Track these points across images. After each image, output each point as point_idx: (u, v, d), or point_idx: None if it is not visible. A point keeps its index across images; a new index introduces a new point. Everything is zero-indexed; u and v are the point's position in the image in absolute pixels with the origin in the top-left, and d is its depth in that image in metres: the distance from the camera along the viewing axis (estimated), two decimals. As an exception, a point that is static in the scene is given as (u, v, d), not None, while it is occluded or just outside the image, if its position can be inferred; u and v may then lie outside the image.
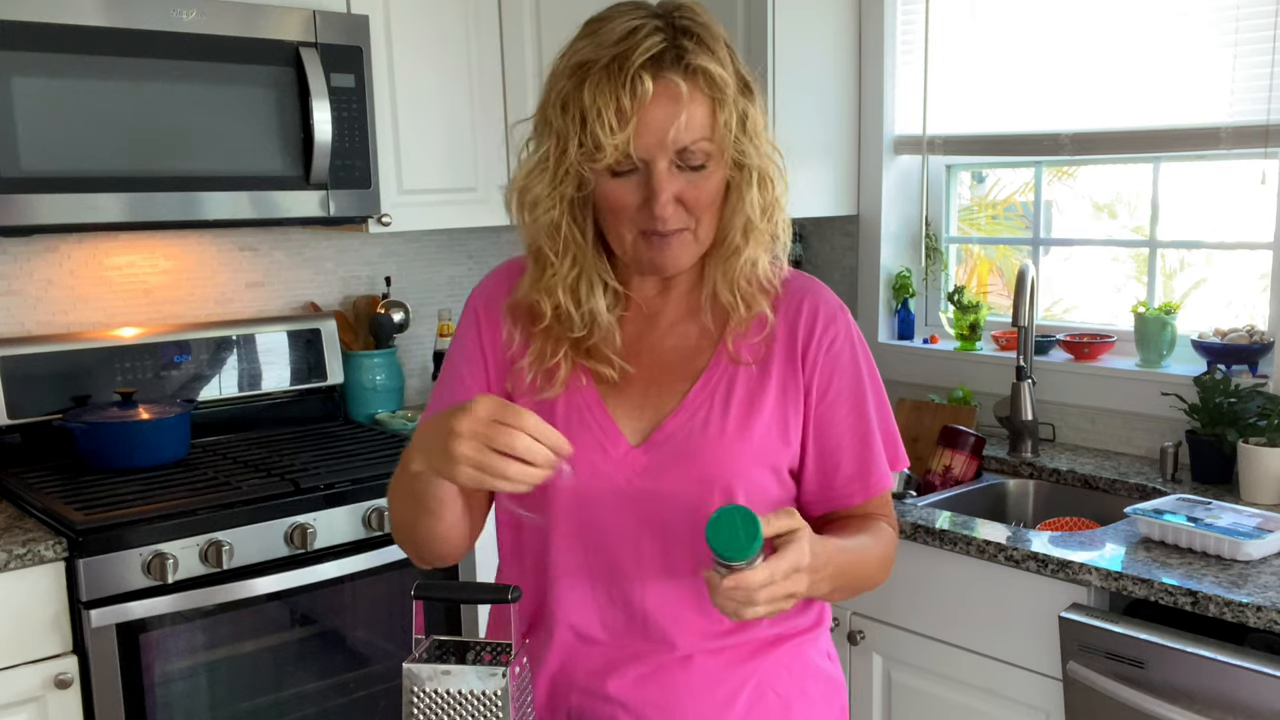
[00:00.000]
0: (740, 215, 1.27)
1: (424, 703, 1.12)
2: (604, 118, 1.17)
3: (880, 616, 2.33)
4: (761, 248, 1.29)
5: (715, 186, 1.24)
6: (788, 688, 1.34)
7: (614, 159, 1.19)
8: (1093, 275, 2.96)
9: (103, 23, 2.30)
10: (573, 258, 1.28)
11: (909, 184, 3.14)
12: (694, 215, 1.24)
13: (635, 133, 1.18)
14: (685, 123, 1.19)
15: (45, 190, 2.27)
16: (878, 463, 1.35)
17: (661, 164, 1.20)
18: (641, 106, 1.17)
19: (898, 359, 3.12)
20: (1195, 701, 1.80)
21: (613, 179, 1.22)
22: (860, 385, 1.34)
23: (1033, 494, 2.63)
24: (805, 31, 2.94)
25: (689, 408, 1.29)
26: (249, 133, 2.50)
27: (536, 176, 1.25)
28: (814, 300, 1.34)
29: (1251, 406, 2.33)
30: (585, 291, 1.29)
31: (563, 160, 1.22)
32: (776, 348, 1.32)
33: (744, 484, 1.28)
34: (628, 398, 1.30)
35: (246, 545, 2.28)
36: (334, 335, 3.01)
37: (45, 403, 2.58)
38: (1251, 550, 1.93)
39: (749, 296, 1.30)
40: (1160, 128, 2.58)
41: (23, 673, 2.10)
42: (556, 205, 1.25)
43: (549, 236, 1.27)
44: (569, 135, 1.20)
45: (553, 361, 1.30)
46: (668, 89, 1.18)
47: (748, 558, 1.09)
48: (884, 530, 1.35)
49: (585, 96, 1.18)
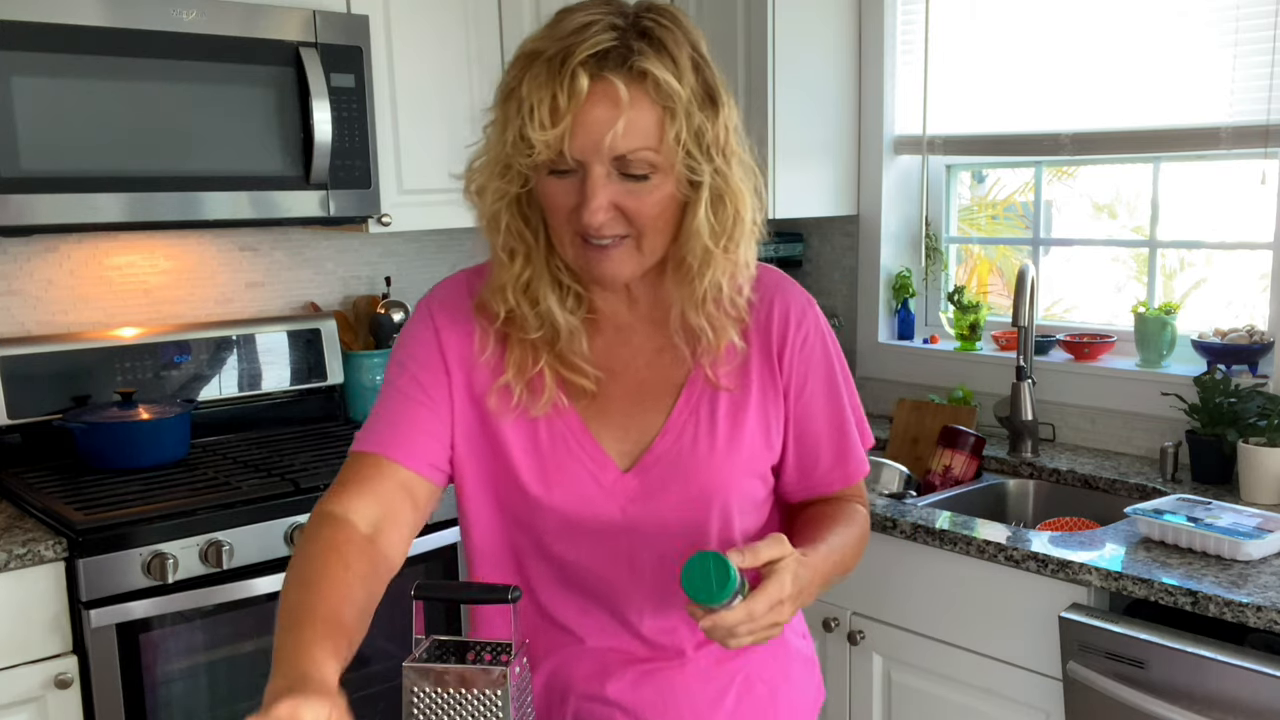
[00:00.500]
0: (695, 237, 1.19)
1: (424, 703, 1.12)
2: (536, 113, 1.11)
3: (880, 616, 2.33)
4: (721, 272, 1.22)
5: (660, 199, 1.16)
6: (773, 675, 1.36)
7: (545, 157, 1.13)
8: (1093, 275, 2.96)
9: (103, 23, 2.30)
10: (524, 256, 1.23)
11: (909, 184, 3.14)
12: (635, 225, 1.17)
13: (570, 133, 1.11)
14: (624, 128, 1.11)
15: (45, 190, 2.27)
16: (855, 450, 1.35)
17: (597, 169, 1.13)
18: (577, 105, 1.10)
19: (898, 359, 3.12)
20: (1195, 701, 1.80)
21: (550, 177, 1.16)
22: (833, 376, 1.34)
23: (1033, 494, 2.63)
24: (805, 32, 2.94)
25: (674, 428, 1.27)
26: (249, 133, 2.50)
27: (483, 168, 1.21)
28: (784, 299, 1.32)
29: (1251, 406, 2.33)
30: (539, 292, 1.23)
31: (502, 153, 1.17)
32: (752, 352, 1.30)
33: (737, 496, 1.28)
34: (610, 419, 1.27)
35: (246, 545, 2.28)
36: (334, 335, 3.01)
37: (45, 403, 2.58)
38: (1251, 550, 1.93)
39: (716, 322, 1.25)
40: (1160, 128, 2.58)
41: (23, 673, 2.10)
42: (499, 199, 1.20)
43: (492, 230, 1.23)
44: (508, 128, 1.15)
45: (535, 371, 1.25)
46: (607, 90, 1.11)
47: (720, 602, 1.08)
48: (858, 513, 1.35)
49: (524, 88, 1.12)
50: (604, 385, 1.28)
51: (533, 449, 1.26)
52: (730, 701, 1.32)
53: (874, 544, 2.26)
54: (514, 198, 1.20)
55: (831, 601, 2.39)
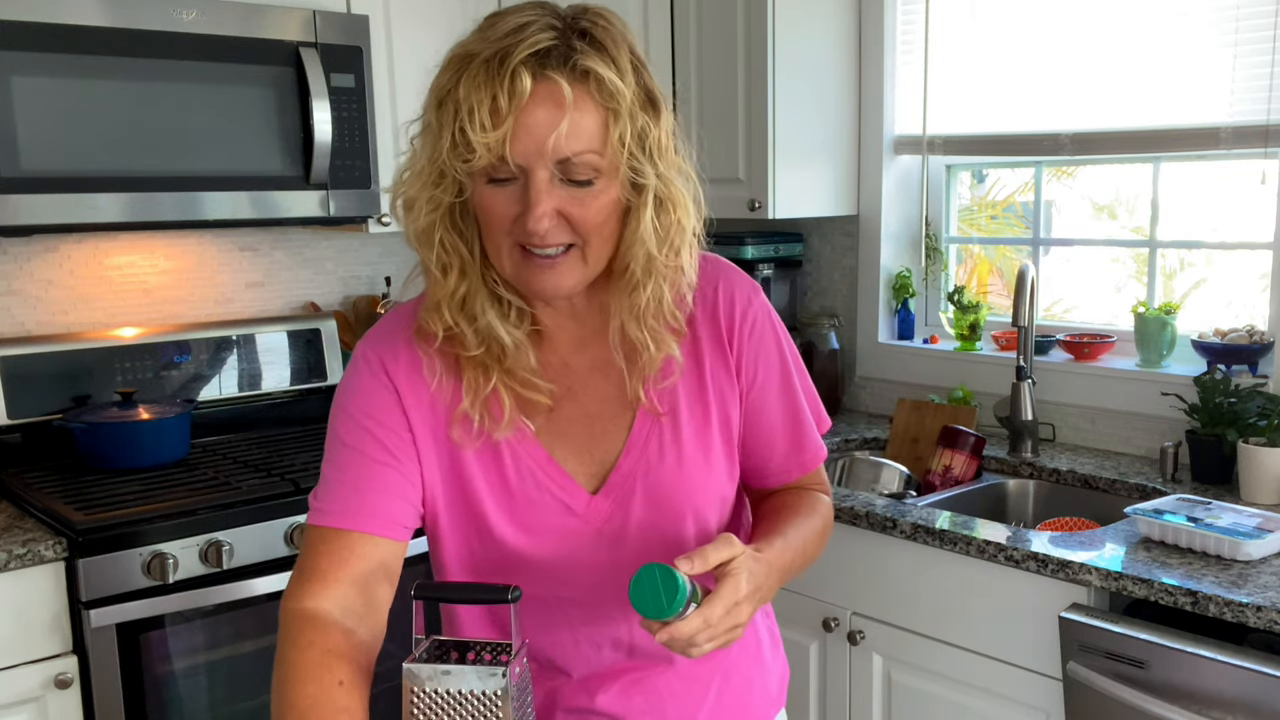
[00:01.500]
0: (639, 244, 1.15)
1: (424, 703, 1.11)
2: (476, 115, 1.06)
3: (880, 616, 2.33)
4: (665, 281, 1.18)
5: (605, 205, 1.12)
6: (748, 665, 1.36)
7: (487, 161, 1.07)
8: (1093, 275, 2.96)
9: (103, 22, 2.30)
10: (459, 271, 1.17)
11: (909, 184, 3.14)
12: (580, 233, 1.12)
13: (512, 136, 1.06)
14: (568, 131, 1.07)
15: (45, 190, 2.27)
16: (810, 437, 1.33)
17: (541, 174, 1.08)
18: (519, 106, 1.05)
19: (898, 359, 3.12)
20: (1195, 701, 1.80)
21: (489, 186, 1.11)
22: (785, 363, 1.31)
23: (1033, 494, 2.62)
24: (805, 31, 2.94)
25: (637, 443, 1.24)
26: (249, 133, 2.50)
27: (413, 178, 1.15)
28: (728, 285, 1.28)
29: (1251, 406, 2.33)
30: (478, 308, 1.18)
31: (435, 160, 1.11)
32: (703, 345, 1.26)
33: (708, 499, 1.27)
34: (570, 440, 1.24)
35: (246, 545, 2.28)
36: (334, 335, 3.01)
37: (45, 403, 2.58)
38: (1251, 550, 1.93)
39: (656, 335, 1.20)
40: (1160, 128, 2.58)
41: (23, 673, 2.10)
42: (432, 210, 1.14)
43: (424, 245, 1.16)
44: (442, 133, 1.09)
45: (489, 390, 1.20)
46: (550, 90, 1.06)
47: (670, 616, 1.06)
48: (820, 502, 1.33)
49: (461, 90, 1.08)
50: (558, 402, 1.24)
51: (500, 485, 1.23)
52: (711, 697, 1.33)
53: (874, 544, 2.28)
54: (447, 209, 1.14)
55: (831, 601, 2.39)
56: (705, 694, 1.32)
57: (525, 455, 1.23)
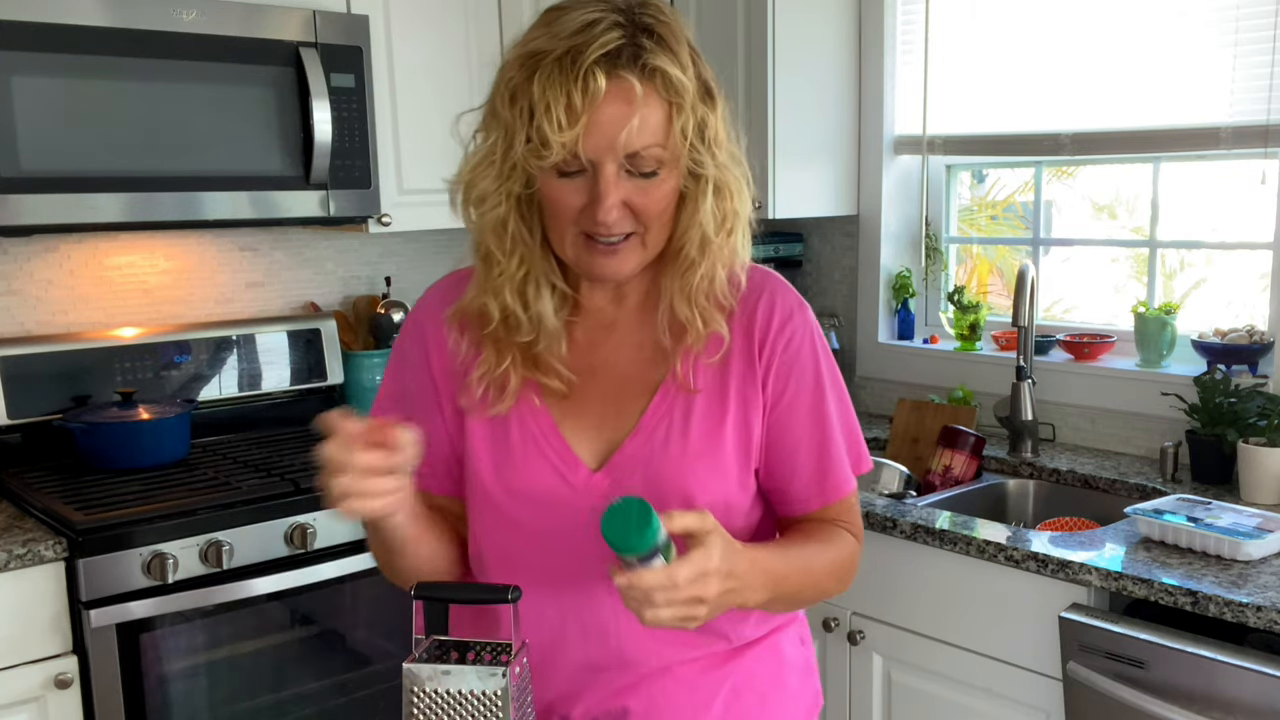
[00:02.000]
0: (696, 228, 1.20)
1: (424, 703, 1.12)
2: (553, 113, 1.10)
3: (880, 616, 2.33)
4: (719, 263, 1.23)
5: (666, 194, 1.18)
6: (765, 684, 1.33)
7: (560, 157, 1.12)
8: (1093, 275, 2.96)
9: (103, 23, 2.30)
10: (520, 257, 1.23)
11: (909, 184, 3.14)
12: (642, 222, 1.18)
13: (585, 132, 1.11)
14: (638, 126, 1.12)
15: (45, 190, 2.27)
16: (837, 467, 1.30)
17: (610, 167, 1.14)
18: (593, 105, 1.10)
19: (898, 359, 3.12)
20: (1195, 701, 1.80)
21: (559, 179, 1.16)
22: (819, 386, 1.29)
23: (1033, 494, 2.63)
24: (805, 31, 2.94)
25: (647, 428, 1.25)
26: (249, 133, 2.50)
27: (483, 171, 1.20)
28: (770, 298, 1.29)
29: (1251, 406, 2.33)
30: (533, 293, 1.24)
31: (509, 155, 1.16)
32: (734, 350, 1.27)
33: (708, 499, 1.24)
34: (583, 418, 1.26)
35: (246, 545, 2.28)
36: (334, 335, 3.01)
37: (45, 403, 2.58)
38: (1251, 550, 1.93)
39: (706, 313, 1.24)
40: (1160, 128, 2.58)
41: (23, 673, 2.10)
42: (503, 202, 1.20)
43: (495, 235, 1.22)
44: (516, 129, 1.15)
45: (500, 371, 1.25)
46: (622, 89, 1.11)
47: (639, 552, 1.05)
48: (841, 538, 1.30)
49: (535, 89, 1.12)
50: (581, 384, 1.27)
51: (502, 447, 1.26)
52: (717, 709, 1.29)
53: (874, 544, 2.28)
54: (516, 200, 1.20)
55: (831, 601, 2.39)
56: (709, 705, 1.29)
57: (532, 423, 1.26)
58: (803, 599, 1.29)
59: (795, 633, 1.40)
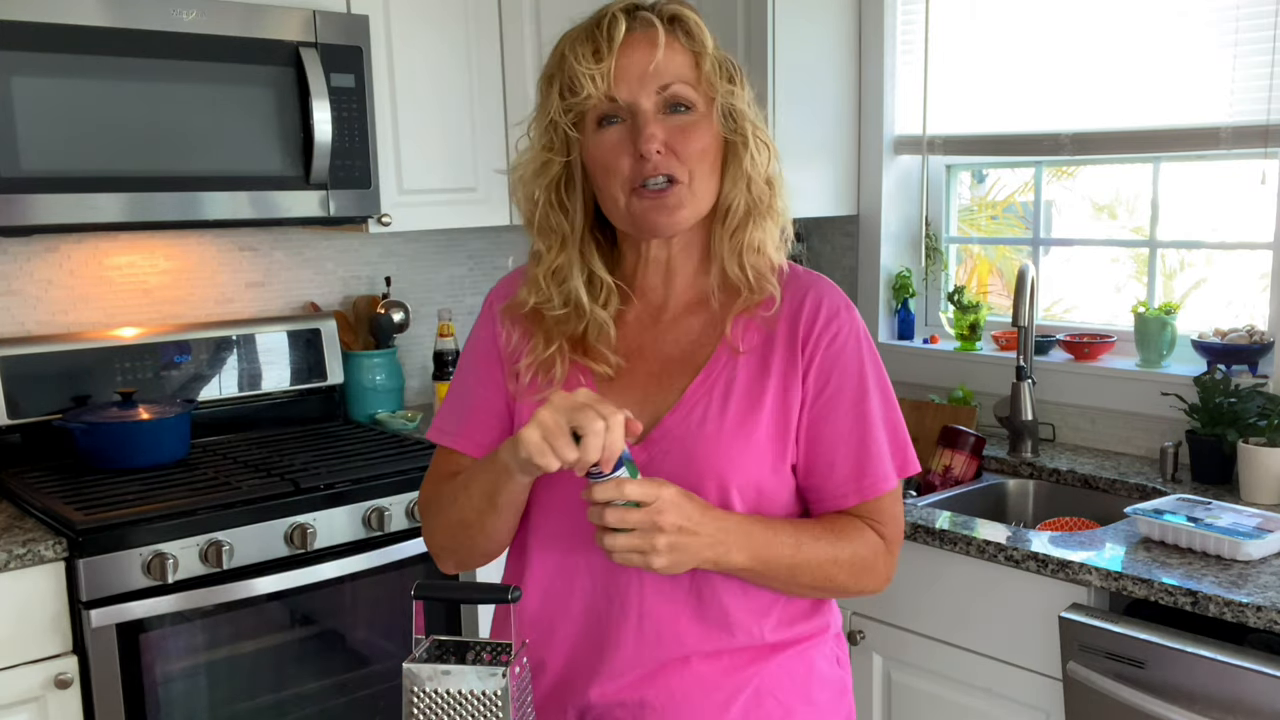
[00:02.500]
0: (741, 180, 1.28)
1: (424, 703, 1.12)
2: (582, 61, 1.21)
3: (880, 616, 2.33)
4: (770, 223, 1.30)
5: (706, 137, 1.25)
6: (790, 694, 1.32)
7: (595, 99, 1.21)
8: (1093, 275, 2.96)
9: (103, 23, 2.30)
10: (560, 243, 1.30)
11: (909, 184, 3.14)
12: (686, 165, 1.24)
13: (615, 73, 1.21)
14: (663, 60, 1.22)
15: (45, 190, 2.27)
16: (875, 465, 1.30)
17: (645, 104, 1.22)
18: (617, 45, 1.21)
19: (898, 359, 3.11)
20: (1195, 701, 1.80)
21: (598, 130, 1.24)
22: (863, 385, 1.31)
23: (1033, 494, 2.63)
24: (805, 32, 2.94)
25: (687, 404, 1.28)
26: (249, 133, 2.50)
27: (527, 161, 1.30)
28: (818, 295, 1.33)
29: (1251, 406, 2.33)
30: (572, 284, 1.30)
31: (549, 131, 1.26)
32: (778, 341, 1.30)
33: (740, 480, 1.26)
34: (628, 395, 1.28)
35: (246, 545, 2.28)
36: (334, 335, 3.01)
37: (45, 403, 2.58)
38: (1251, 550, 1.93)
39: (758, 274, 1.30)
40: (1160, 128, 2.58)
41: (23, 673, 2.10)
42: (542, 187, 1.28)
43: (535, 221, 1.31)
44: (552, 98, 1.25)
45: (547, 354, 1.31)
46: (646, 32, 1.23)
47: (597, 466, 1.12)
48: (861, 533, 1.30)
49: (565, 48, 1.24)
50: (629, 365, 1.32)
51: None
52: (736, 712, 1.29)
53: (874, 544, 2.28)
54: (554, 181, 1.28)
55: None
56: (728, 707, 1.29)
57: None
58: (800, 580, 1.27)
59: (830, 649, 1.39)
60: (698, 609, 1.28)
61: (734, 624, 1.29)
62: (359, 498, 2.42)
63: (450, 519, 1.32)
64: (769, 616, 1.31)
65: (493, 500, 1.25)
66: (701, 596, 1.28)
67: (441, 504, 1.33)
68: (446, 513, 1.32)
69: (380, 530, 2.44)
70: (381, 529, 2.44)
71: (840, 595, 1.33)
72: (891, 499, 1.33)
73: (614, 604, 1.29)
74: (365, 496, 2.43)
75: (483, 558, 1.36)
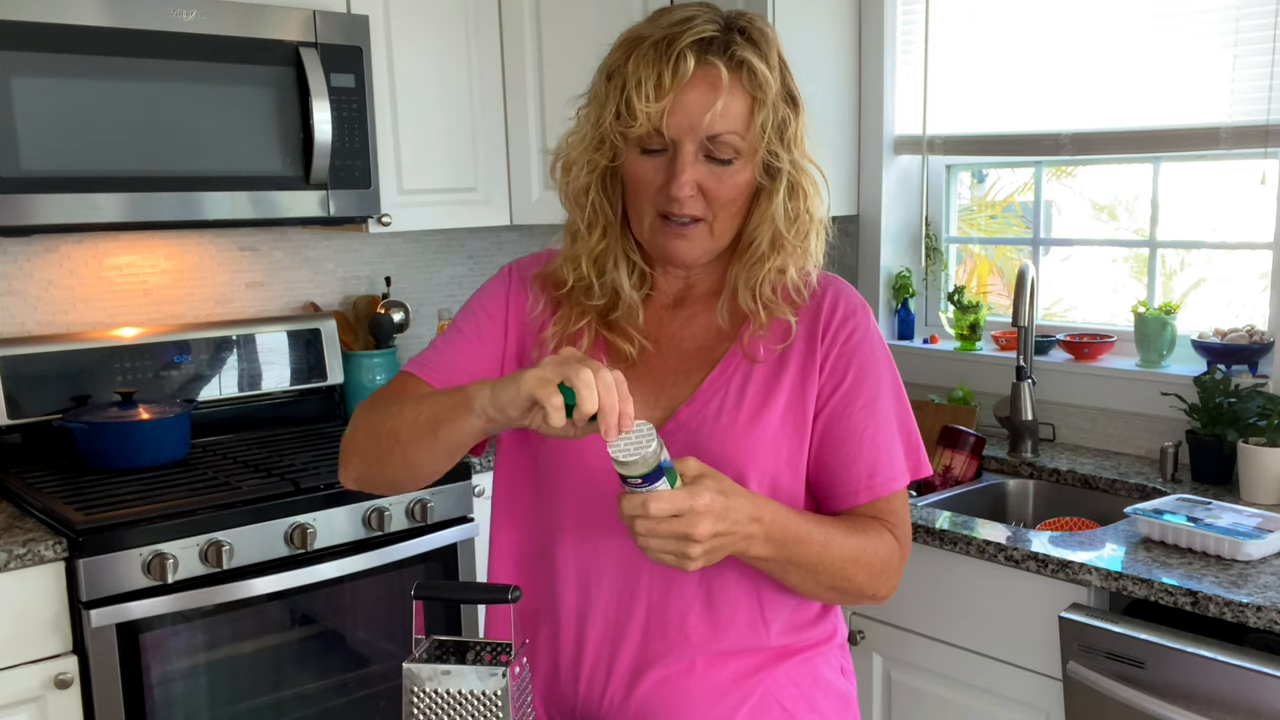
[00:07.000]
0: (767, 223, 1.28)
1: (424, 703, 1.12)
2: (643, 87, 1.20)
3: (880, 616, 2.33)
4: (790, 258, 1.30)
5: (739, 184, 1.26)
6: (795, 702, 1.32)
7: (645, 130, 1.21)
8: (1092, 275, 2.96)
9: (103, 23, 2.30)
10: (602, 229, 1.31)
11: (909, 184, 3.14)
12: (712, 209, 1.25)
13: (670, 110, 1.20)
14: (720, 110, 1.21)
15: (45, 190, 2.27)
16: (887, 464, 1.31)
17: (689, 147, 1.22)
18: (680, 84, 1.20)
19: (898, 359, 3.08)
20: (1195, 701, 1.80)
21: (641, 155, 1.25)
22: (877, 384, 1.32)
23: (1033, 494, 2.63)
24: (805, 32, 2.94)
25: (702, 397, 1.29)
26: (249, 133, 2.50)
27: (575, 141, 1.30)
28: (835, 294, 1.35)
29: (1251, 406, 2.33)
30: (609, 265, 1.32)
31: (599, 126, 1.26)
32: (795, 337, 1.31)
33: (757, 473, 1.26)
34: (644, 386, 1.30)
35: (246, 545, 2.28)
36: (334, 335, 3.01)
37: (45, 403, 2.58)
38: (1251, 550, 1.93)
39: (771, 304, 1.30)
40: (1160, 128, 2.58)
41: (23, 673, 2.10)
42: (588, 172, 1.29)
43: (578, 203, 1.31)
44: (608, 102, 1.25)
45: (575, 328, 1.32)
46: (709, 74, 1.21)
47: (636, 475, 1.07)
48: (879, 533, 1.30)
49: (629, 66, 1.22)
50: (647, 356, 1.33)
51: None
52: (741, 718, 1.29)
53: (874, 544, 2.28)
54: (600, 173, 1.29)
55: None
56: (734, 714, 1.28)
57: None
58: (821, 578, 1.26)
59: (836, 659, 1.38)
60: (706, 610, 1.27)
61: (741, 624, 1.29)
62: (359, 498, 2.42)
63: (382, 424, 1.28)
64: (776, 619, 1.31)
65: (436, 428, 1.20)
66: (710, 596, 1.28)
67: (381, 407, 1.30)
68: (380, 417, 1.29)
69: (380, 530, 2.44)
70: (381, 529, 2.44)
71: (851, 598, 1.31)
72: (901, 500, 1.34)
73: (622, 603, 1.28)
74: (365, 497, 2.43)
75: (387, 485, 1.34)
